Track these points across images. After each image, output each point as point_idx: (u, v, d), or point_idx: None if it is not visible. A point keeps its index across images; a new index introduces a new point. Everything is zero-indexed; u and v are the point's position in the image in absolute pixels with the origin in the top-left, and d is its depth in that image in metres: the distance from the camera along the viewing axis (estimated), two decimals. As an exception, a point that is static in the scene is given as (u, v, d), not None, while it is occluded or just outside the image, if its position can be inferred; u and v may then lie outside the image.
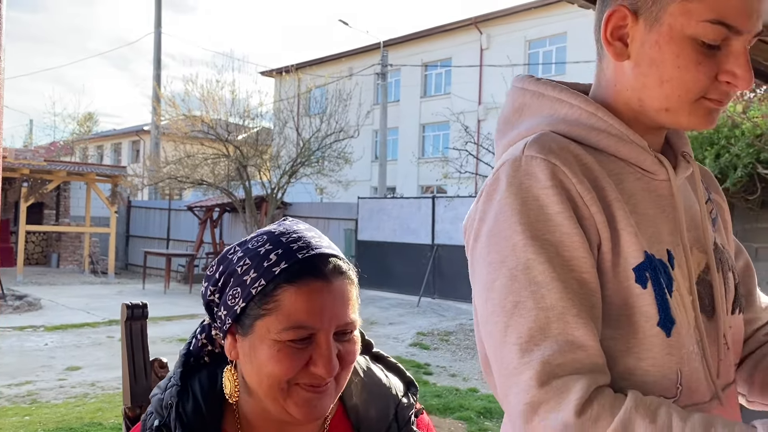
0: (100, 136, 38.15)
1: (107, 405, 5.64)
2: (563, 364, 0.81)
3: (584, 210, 0.89)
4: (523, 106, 1.04)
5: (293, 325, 0.86)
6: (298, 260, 0.89)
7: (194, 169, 13.79)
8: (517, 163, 0.90)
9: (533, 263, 0.85)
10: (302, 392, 0.89)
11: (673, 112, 0.93)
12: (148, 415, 0.96)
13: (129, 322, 1.28)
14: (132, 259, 19.79)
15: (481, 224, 0.93)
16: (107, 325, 9.73)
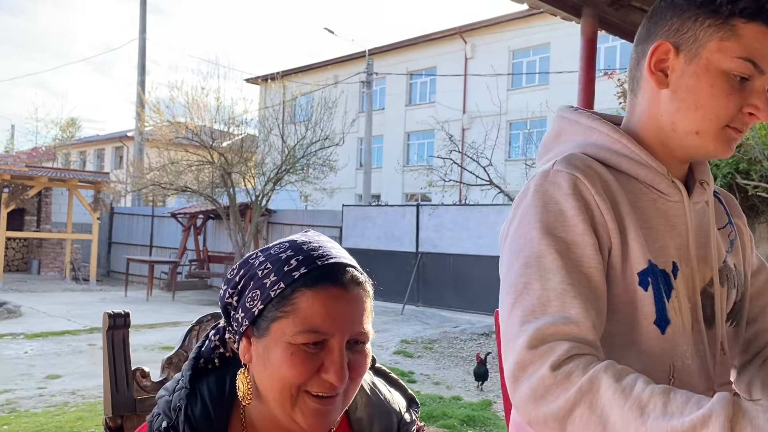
0: (83, 142, 37.81)
1: (88, 414, 5.58)
2: (555, 333, 0.94)
3: (600, 218, 1.04)
4: (560, 132, 1.21)
5: (308, 329, 0.88)
6: (317, 266, 0.91)
7: (178, 175, 13.71)
8: (545, 174, 1.07)
9: (545, 253, 1.00)
10: (310, 402, 0.90)
11: (702, 135, 1.08)
12: (154, 417, 0.97)
13: (111, 332, 1.28)
14: (114, 266, 19.61)
15: (511, 223, 1.10)
16: (88, 333, 9.63)
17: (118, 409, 1.25)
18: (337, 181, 17.22)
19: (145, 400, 1.29)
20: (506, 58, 23.98)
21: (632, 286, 1.05)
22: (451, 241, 13.15)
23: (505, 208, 12.21)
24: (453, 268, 13.03)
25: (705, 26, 1.05)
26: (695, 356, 1.10)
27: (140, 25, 21.59)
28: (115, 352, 1.27)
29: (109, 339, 1.27)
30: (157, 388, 1.32)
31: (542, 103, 15.16)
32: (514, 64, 24.18)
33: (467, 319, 11.80)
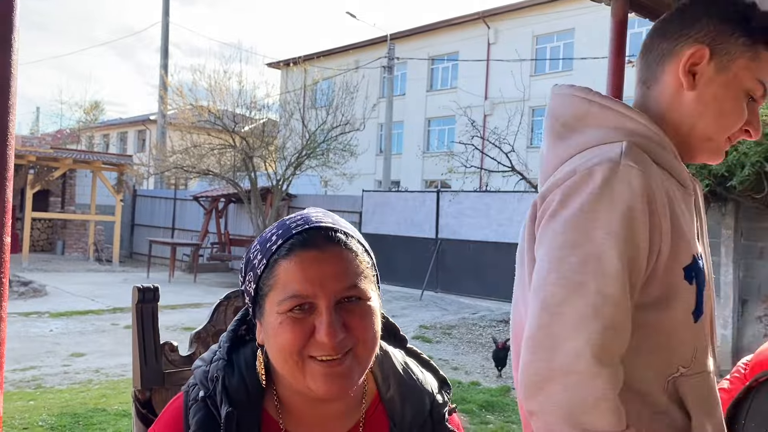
0: (106, 125, 38.19)
1: (111, 391, 5.67)
2: (603, 345, 0.97)
3: (657, 221, 1.05)
4: (586, 115, 1.17)
5: (289, 295, 0.90)
6: (291, 236, 0.93)
7: (200, 159, 13.81)
8: (615, 167, 1.04)
9: (606, 256, 1.00)
10: (316, 366, 0.90)
11: (713, 141, 1.16)
12: (190, 387, 0.98)
13: (140, 305, 1.29)
14: (137, 248, 19.84)
15: (562, 207, 1.06)
16: (111, 313, 9.78)
17: (147, 382, 1.26)
18: (357, 167, 17.22)
19: (173, 374, 1.30)
20: (529, 43, 23.72)
21: (676, 280, 1.08)
22: (471, 227, 13.10)
23: (527, 195, 12.12)
24: (472, 254, 13.00)
25: (739, 43, 1.12)
26: (708, 336, 1.16)
27: (163, 8, 21.66)
28: (144, 326, 1.29)
29: (139, 313, 1.29)
30: (185, 362, 1.33)
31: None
32: (537, 49, 23.91)
33: (486, 306, 11.79)
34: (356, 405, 1.02)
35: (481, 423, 5.16)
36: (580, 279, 0.99)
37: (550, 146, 1.21)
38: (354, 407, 1.01)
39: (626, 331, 1.01)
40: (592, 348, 0.96)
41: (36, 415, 4.88)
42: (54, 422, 4.74)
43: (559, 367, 0.97)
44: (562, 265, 1.01)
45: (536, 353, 1.00)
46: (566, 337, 0.98)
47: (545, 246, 1.05)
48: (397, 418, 1.02)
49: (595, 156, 1.08)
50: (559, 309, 0.99)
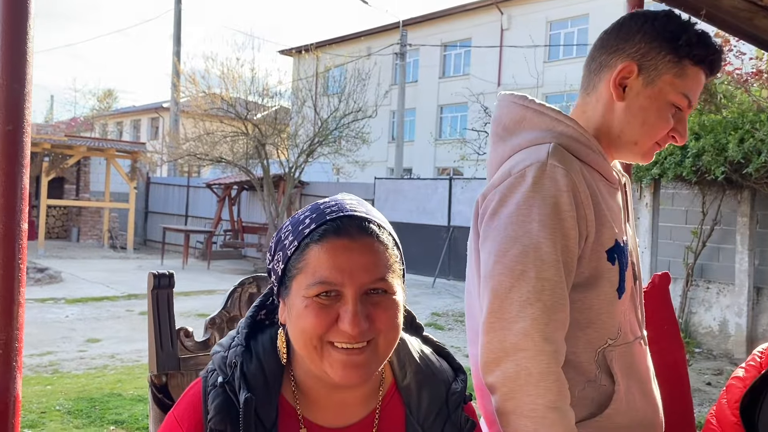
0: (119, 113, 38.37)
1: (127, 377, 5.74)
2: (546, 323, 1.12)
3: (583, 211, 1.19)
4: (523, 119, 1.30)
5: (318, 281, 0.90)
6: (325, 221, 0.93)
7: (213, 146, 13.84)
8: (543, 167, 1.18)
9: (542, 245, 1.14)
10: (336, 353, 0.91)
11: (639, 146, 1.29)
12: (209, 372, 0.99)
13: (155, 291, 1.30)
14: (151, 235, 19.99)
15: (501, 206, 1.20)
16: (126, 299, 9.87)
17: (162, 367, 1.28)
18: (369, 154, 17.20)
19: (188, 359, 1.32)
20: (543, 29, 23.50)
21: (600, 262, 1.23)
22: (483, 215, 13.04)
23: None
24: (485, 242, 12.95)
25: (666, 60, 1.24)
26: (632, 310, 1.32)
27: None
28: (160, 312, 1.30)
29: (154, 298, 1.30)
30: (200, 348, 1.35)
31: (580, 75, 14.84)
32: (551, 35, 23.69)
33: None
34: (373, 392, 1.03)
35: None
36: (522, 268, 1.14)
37: (493, 147, 1.35)
38: (371, 394, 1.02)
39: (565, 310, 1.16)
40: (536, 327, 1.11)
41: (53, 400, 4.95)
42: (71, 406, 4.80)
43: (510, 346, 1.12)
44: (505, 256, 1.15)
45: (490, 334, 1.14)
46: (514, 319, 1.12)
47: (490, 241, 1.20)
48: (413, 405, 1.03)
49: (527, 158, 1.21)
50: (506, 295, 1.14)
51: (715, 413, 1.40)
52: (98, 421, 4.54)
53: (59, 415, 4.62)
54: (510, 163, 1.24)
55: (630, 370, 1.25)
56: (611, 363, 1.22)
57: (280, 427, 0.96)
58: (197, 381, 1.01)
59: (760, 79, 6.73)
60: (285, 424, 0.97)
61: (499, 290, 1.14)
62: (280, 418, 0.96)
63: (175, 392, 1.27)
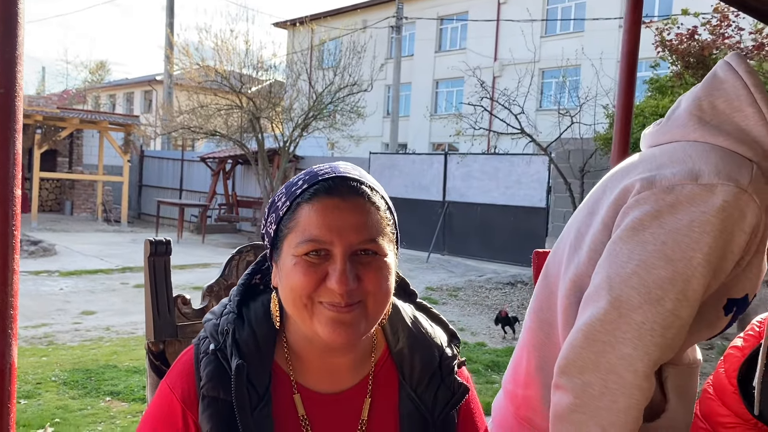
0: (112, 85, 37.98)
1: (122, 348, 5.75)
2: (655, 362, 1.01)
3: (744, 256, 1.04)
4: (740, 111, 1.08)
5: (307, 239, 0.90)
6: (317, 181, 0.93)
7: (207, 119, 13.73)
8: (740, 195, 0.99)
9: (694, 280, 0.99)
10: (325, 311, 0.91)
11: None
12: (201, 340, 0.99)
13: (152, 258, 1.29)
14: (145, 209, 19.92)
15: (670, 214, 1.01)
16: (121, 272, 9.87)
17: (160, 334, 1.27)
18: (364, 129, 17.11)
19: (186, 326, 1.31)
20: (540, 3, 23.26)
21: (716, 308, 1.09)
22: (478, 190, 13.06)
23: (536, 158, 12.04)
24: (480, 217, 12.98)
25: None
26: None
27: (168, -34, 21.29)
28: (157, 279, 1.29)
29: (151, 265, 1.28)
30: (197, 315, 1.34)
31: (577, 50, 14.75)
32: (548, 10, 23.47)
33: (492, 269, 11.82)
34: (366, 358, 1.02)
35: (486, 383, 5.22)
36: (661, 294, 1.00)
37: (685, 115, 1.13)
38: (363, 360, 1.02)
39: (676, 349, 1.05)
40: (644, 361, 1.00)
41: (48, 371, 4.96)
42: (66, 377, 4.82)
43: (606, 363, 1.01)
44: (650, 273, 1.00)
45: (589, 342, 1.03)
46: (626, 341, 1.00)
47: (637, 244, 1.03)
48: (406, 370, 1.03)
49: (724, 170, 1.01)
50: (630, 312, 1.00)
51: (712, 383, 1.40)
52: (94, 392, 4.56)
53: (55, 386, 4.63)
54: (698, 162, 1.04)
55: (681, 390, 1.18)
56: (665, 380, 1.16)
57: (273, 393, 0.96)
58: (189, 349, 1.01)
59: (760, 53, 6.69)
60: (278, 390, 0.97)
61: (623, 303, 1.01)
62: (273, 384, 0.96)
63: (173, 359, 1.25)
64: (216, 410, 0.92)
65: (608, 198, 1.12)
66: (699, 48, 7.21)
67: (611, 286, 1.02)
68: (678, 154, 1.08)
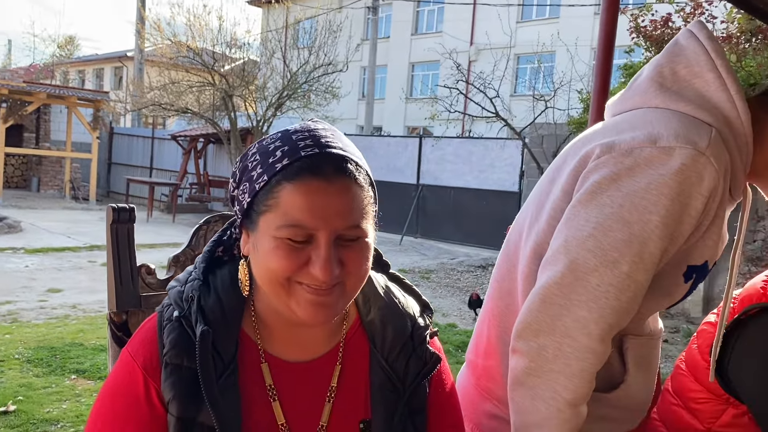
0: (81, 61, 37.12)
1: (89, 326, 5.65)
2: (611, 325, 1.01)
3: (702, 220, 1.03)
4: (701, 76, 1.08)
5: (290, 223, 0.85)
6: (299, 158, 0.86)
7: (179, 96, 13.48)
8: (697, 158, 0.98)
9: (651, 243, 0.99)
10: (304, 293, 0.88)
11: None
12: (164, 307, 0.96)
13: (115, 225, 1.25)
14: (114, 187, 19.57)
15: (628, 176, 1.01)
16: (89, 250, 9.68)
17: (122, 305, 1.22)
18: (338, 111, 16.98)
19: (150, 297, 1.27)
20: (518, -12, 23.26)
21: (676, 272, 1.08)
22: (452, 174, 13.08)
23: (510, 142, 12.08)
24: (453, 201, 13.01)
25: None
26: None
27: (140, -61, 20.76)
28: (120, 247, 1.24)
29: (113, 232, 1.24)
30: (162, 286, 1.30)
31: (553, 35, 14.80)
32: (525, -5, 23.48)
33: (465, 252, 11.88)
34: (337, 327, 1.00)
35: (457, 363, 5.24)
36: (617, 256, 0.99)
37: (646, 82, 1.13)
38: (334, 330, 1.00)
39: (633, 314, 1.04)
40: (599, 324, 0.99)
41: (12, 348, 4.85)
42: (30, 355, 4.71)
43: (561, 326, 1.00)
44: (606, 236, 1.00)
45: (545, 305, 1.02)
46: (581, 304, 1.00)
47: (595, 207, 1.02)
48: (377, 340, 1.01)
49: (683, 134, 1.01)
50: (586, 275, 1.00)
51: (684, 359, 1.41)
52: (59, 370, 4.47)
53: (18, 364, 4.53)
54: (657, 126, 1.03)
55: (642, 361, 1.17)
56: (626, 351, 1.15)
57: (240, 362, 0.93)
58: (152, 316, 0.97)
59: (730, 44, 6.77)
60: (245, 358, 0.94)
61: (579, 266, 1.00)
62: (240, 352, 0.93)
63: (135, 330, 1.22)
64: (179, 378, 0.88)
65: (569, 165, 1.11)
66: (672, 35, 7.26)
67: (568, 249, 1.02)
68: (638, 120, 1.08)
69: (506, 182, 12.14)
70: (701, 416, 1.31)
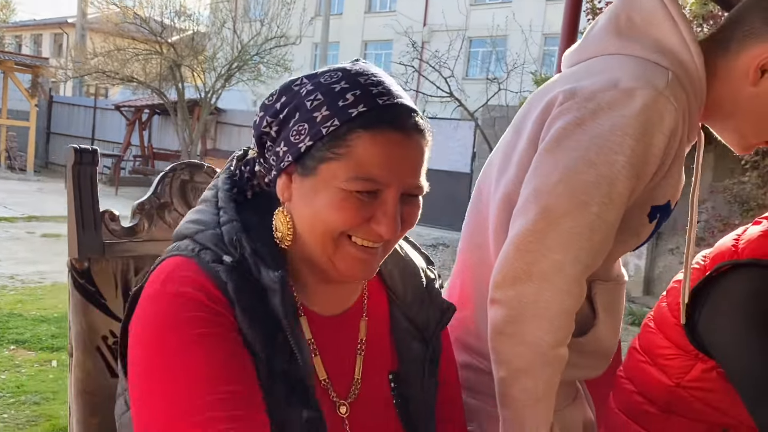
0: (17, 26, 35.39)
1: (28, 297, 5.43)
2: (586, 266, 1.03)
3: (664, 160, 1.06)
4: (656, 23, 1.11)
5: (364, 176, 0.80)
6: (378, 106, 0.81)
7: (124, 64, 13.01)
8: (657, 98, 1.01)
9: (618, 183, 1.01)
10: (352, 249, 0.84)
11: (744, 139, 1.16)
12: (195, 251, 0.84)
13: (77, 167, 1.16)
14: (53, 158, 18.80)
15: (592, 120, 1.03)
16: (26, 221, 9.30)
17: (85, 251, 1.15)
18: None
19: (114, 244, 1.19)
20: (472, -30, 23.28)
21: (640, 216, 1.12)
22: (404, 153, 13.05)
23: (463, 123, 12.13)
24: (404, 180, 13.01)
25: None
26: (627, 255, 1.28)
27: None
28: (82, 190, 1.16)
29: (75, 174, 1.16)
30: (127, 234, 1.22)
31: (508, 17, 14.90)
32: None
33: (416, 231, 11.73)
34: None
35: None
36: (586, 198, 1.01)
37: (603, 31, 1.15)
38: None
39: (606, 254, 1.07)
40: (574, 266, 1.01)
41: (-55, 319, 4.62)
42: (-35, 326, 4.50)
43: (538, 272, 1.01)
44: (575, 179, 1.01)
45: (521, 252, 1.03)
46: (555, 248, 1.01)
47: (562, 152, 1.04)
48: (396, 290, 1.00)
49: (641, 76, 1.04)
50: (558, 220, 1.01)
51: (653, 317, 1.42)
52: (-3, 340, 4.28)
53: (-48, 335, 4.32)
54: (617, 71, 1.06)
55: (609, 306, 1.20)
56: (594, 296, 1.17)
57: None
58: (174, 260, 0.84)
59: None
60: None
61: (551, 211, 1.01)
62: None
63: (99, 278, 1.15)
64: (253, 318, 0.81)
65: (532, 115, 1.12)
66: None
67: (538, 196, 1.03)
68: (597, 66, 1.11)
69: (458, 163, 12.20)
70: (670, 371, 1.33)
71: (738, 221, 5.32)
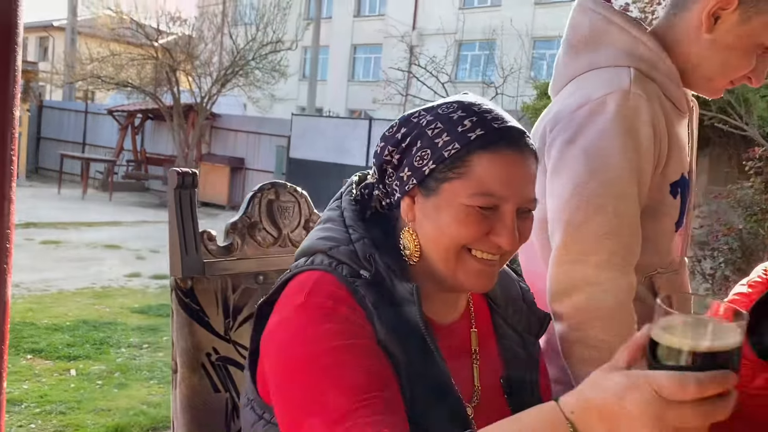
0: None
1: (37, 306, 5.41)
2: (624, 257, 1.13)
3: (659, 143, 1.17)
4: (605, 33, 1.24)
5: (483, 192, 0.87)
6: (493, 129, 0.89)
7: (119, 69, 12.96)
8: (626, 96, 1.13)
9: (624, 180, 1.12)
10: (474, 262, 0.90)
11: (713, 82, 1.26)
12: (334, 266, 0.91)
13: (178, 191, 1.21)
14: (43, 163, 18.61)
15: (579, 135, 1.15)
16: (24, 228, 9.22)
17: (188, 271, 1.19)
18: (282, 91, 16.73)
19: (213, 263, 1.24)
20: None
21: (663, 194, 1.22)
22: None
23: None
24: (399, 184, 13.06)
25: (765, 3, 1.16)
26: (684, 240, 1.36)
27: None
28: (183, 213, 1.20)
29: (176, 198, 1.20)
30: (223, 253, 1.26)
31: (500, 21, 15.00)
32: (468, -19, 23.66)
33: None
34: None
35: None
36: (600, 201, 1.11)
37: (565, 59, 1.29)
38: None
39: (640, 245, 1.17)
40: (613, 261, 1.11)
41: (-42, 328, 4.60)
42: (-21, 335, 4.49)
43: (582, 278, 1.11)
44: (584, 189, 1.12)
45: (562, 266, 1.14)
46: (590, 251, 1.11)
47: (566, 172, 1.15)
48: (497, 299, 1.07)
49: (607, 83, 1.16)
50: (582, 228, 1.12)
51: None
52: (13, 350, 4.27)
53: (-33, 344, 4.31)
54: (587, 86, 1.19)
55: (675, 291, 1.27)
56: (657, 289, 1.25)
57: None
58: (313, 274, 0.91)
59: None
60: None
61: (573, 223, 1.12)
62: None
63: (202, 297, 1.20)
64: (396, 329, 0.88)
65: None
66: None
67: (559, 216, 1.15)
68: (568, 90, 1.25)
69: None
70: None
71: (741, 226, 5.42)
